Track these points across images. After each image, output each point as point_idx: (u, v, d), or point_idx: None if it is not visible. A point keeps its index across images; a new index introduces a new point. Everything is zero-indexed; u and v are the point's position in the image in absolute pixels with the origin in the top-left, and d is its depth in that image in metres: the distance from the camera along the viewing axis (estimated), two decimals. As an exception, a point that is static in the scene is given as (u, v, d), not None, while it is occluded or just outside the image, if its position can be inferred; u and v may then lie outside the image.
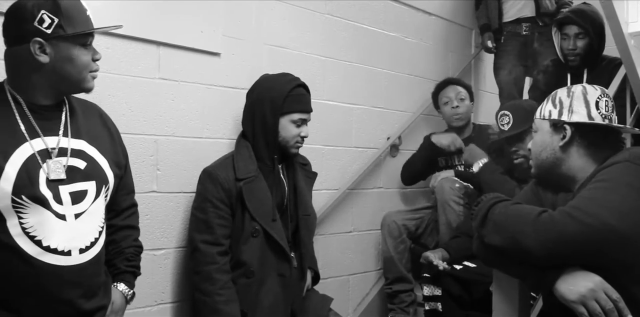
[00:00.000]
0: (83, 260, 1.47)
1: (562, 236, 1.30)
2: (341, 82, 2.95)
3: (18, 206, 1.37)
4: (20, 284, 1.39)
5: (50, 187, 1.42)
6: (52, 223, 1.42)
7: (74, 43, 1.43)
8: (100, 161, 1.55)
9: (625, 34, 2.38)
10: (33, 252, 1.39)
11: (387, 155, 3.26)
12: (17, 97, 1.45)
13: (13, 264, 1.38)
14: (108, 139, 1.64)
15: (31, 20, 1.38)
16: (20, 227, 1.38)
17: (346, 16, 2.98)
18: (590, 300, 1.29)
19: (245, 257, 2.08)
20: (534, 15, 3.48)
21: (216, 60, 2.37)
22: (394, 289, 2.94)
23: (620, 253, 1.32)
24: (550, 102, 1.61)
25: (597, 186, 1.39)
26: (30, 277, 1.39)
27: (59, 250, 1.42)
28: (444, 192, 2.79)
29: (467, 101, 3.08)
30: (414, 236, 3.02)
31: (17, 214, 1.38)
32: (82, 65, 1.46)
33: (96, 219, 1.53)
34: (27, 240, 1.39)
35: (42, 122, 1.46)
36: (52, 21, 1.39)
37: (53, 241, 1.42)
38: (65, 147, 1.48)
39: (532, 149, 1.63)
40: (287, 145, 2.20)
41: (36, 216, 1.40)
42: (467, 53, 3.89)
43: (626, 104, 2.69)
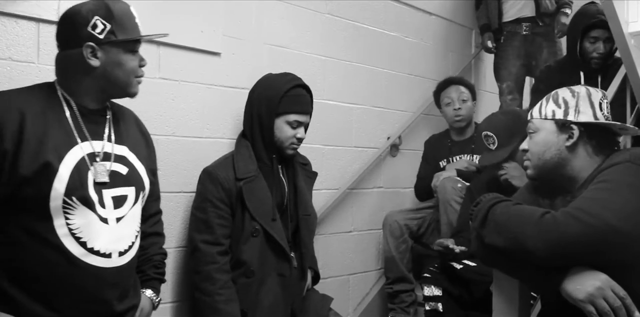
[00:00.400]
0: (121, 263, 1.52)
1: (565, 237, 1.31)
2: (341, 82, 2.95)
3: (67, 207, 1.42)
4: (63, 283, 1.43)
5: (96, 190, 1.48)
6: (96, 226, 1.47)
7: (123, 49, 1.50)
8: (139, 167, 1.62)
9: (626, 33, 2.38)
10: (78, 253, 1.44)
11: (387, 155, 3.26)
12: (68, 99, 1.51)
13: (58, 263, 1.42)
14: (144, 146, 1.71)
15: (85, 25, 1.44)
16: (67, 228, 1.42)
17: (346, 16, 2.98)
18: (598, 298, 1.29)
19: (245, 257, 2.08)
20: (534, 15, 3.48)
21: (216, 60, 2.37)
22: (395, 289, 2.94)
23: (623, 253, 1.32)
24: (552, 102, 1.60)
25: (599, 186, 1.39)
26: (74, 277, 1.44)
27: (101, 252, 1.47)
28: (446, 192, 2.79)
29: (470, 102, 3.07)
30: (416, 236, 3.02)
31: (64, 215, 1.42)
32: (130, 70, 1.52)
33: (134, 224, 1.58)
34: (72, 241, 1.43)
35: (90, 126, 1.52)
36: (104, 27, 1.45)
37: (97, 243, 1.46)
38: (109, 152, 1.54)
39: (532, 150, 1.61)
40: (282, 147, 2.20)
41: (82, 218, 1.44)
42: (467, 53, 3.89)
43: (626, 104, 2.69)
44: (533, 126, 1.62)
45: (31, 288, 1.42)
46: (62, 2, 1.88)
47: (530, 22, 3.50)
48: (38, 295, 1.42)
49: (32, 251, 1.41)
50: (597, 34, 2.80)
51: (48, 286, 1.43)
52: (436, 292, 2.39)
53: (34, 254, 1.41)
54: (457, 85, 3.10)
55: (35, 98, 1.47)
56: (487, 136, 2.33)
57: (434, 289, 2.40)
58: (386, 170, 3.25)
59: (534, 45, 3.50)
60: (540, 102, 1.64)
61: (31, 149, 1.39)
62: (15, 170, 1.38)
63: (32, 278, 1.42)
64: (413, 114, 3.36)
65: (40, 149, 1.40)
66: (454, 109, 3.04)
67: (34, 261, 1.42)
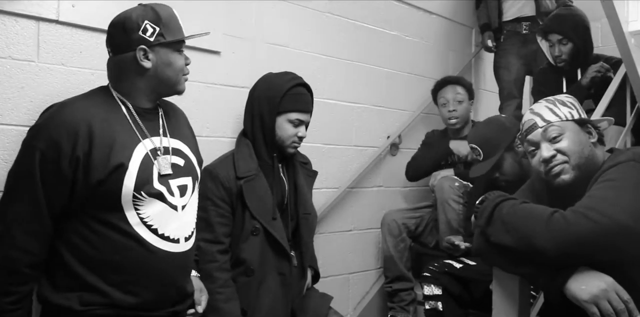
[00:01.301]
0: (187, 248, 1.67)
1: (576, 237, 1.31)
2: (341, 81, 2.95)
3: (136, 200, 1.53)
4: (139, 268, 1.55)
5: (162, 182, 1.60)
6: (166, 214, 1.60)
7: (171, 49, 1.61)
8: (193, 159, 1.75)
9: (626, 32, 2.38)
10: (151, 239, 1.56)
11: (387, 154, 3.26)
12: (124, 101, 1.61)
13: (134, 249, 1.54)
14: (192, 139, 1.83)
15: (137, 29, 1.55)
16: (139, 218, 1.54)
17: (347, 15, 2.98)
18: (602, 300, 1.30)
19: (246, 255, 2.08)
20: (534, 14, 3.48)
21: (216, 59, 2.37)
22: (394, 288, 2.94)
23: (632, 251, 1.34)
24: (562, 106, 1.62)
25: (606, 185, 1.40)
26: (149, 262, 1.56)
27: (171, 238, 1.61)
28: (444, 191, 2.79)
29: (465, 103, 3.07)
30: (414, 235, 3.02)
31: (134, 206, 1.53)
32: (178, 69, 1.64)
33: (194, 211, 1.74)
34: (145, 229, 1.55)
35: (147, 123, 1.63)
36: (154, 30, 1.57)
37: (167, 230, 1.60)
38: (167, 146, 1.66)
39: (571, 150, 1.55)
40: (283, 145, 2.20)
41: (152, 208, 1.57)
42: (468, 52, 3.89)
43: (626, 103, 2.69)
44: (557, 129, 1.58)
45: (111, 276, 1.52)
46: (62, 1, 1.89)
47: (530, 22, 3.50)
48: (118, 282, 1.53)
49: (109, 240, 1.52)
50: (550, 37, 2.86)
51: (126, 273, 1.53)
52: (436, 291, 2.39)
53: (110, 243, 1.52)
54: (454, 85, 3.10)
55: (96, 104, 1.57)
56: (473, 149, 2.41)
57: (433, 288, 2.41)
58: (386, 169, 3.25)
59: (534, 45, 3.49)
60: (546, 109, 1.63)
61: (102, 153, 1.49)
62: (88, 175, 1.48)
63: (111, 266, 1.52)
64: (413, 113, 3.36)
65: (111, 152, 1.51)
66: (448, 111, 3.05)
67: (111, 249, 1.52)
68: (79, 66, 1.94)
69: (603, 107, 2.50)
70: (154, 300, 1.59)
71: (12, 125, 1.78)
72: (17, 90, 1.79)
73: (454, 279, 2.40)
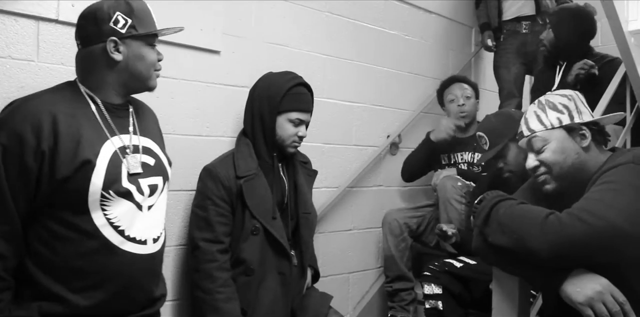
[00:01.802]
0: (155, 249, 1.60)
1: (570, 239, 1.31)
2: (341, 80, 2.95)
3: (104, 200, 1.48)
4: (104, 272, 1.48)
5: (131, 181, 1.54)
6: (133, 214, 1.54)
7: (144, 42, 1.56)
8: (163, 158, 1.69)
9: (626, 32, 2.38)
10: (117, 241, 1.50)
11: (387, 154, 3.26)
12: (92, 96, 1.55)
13: (98, 252, 1.47)
14: (161, 138, 1.77)
15: (107, 21, 1.50)
16: (105, 218, 1.48)
17: (346, 14, 2.98)
18: (597, 302, 1.30)
19: (245, 255, 2.08)
20: (534, 13, 3.48)
21: (216, 58, 2.37)
22: (394, 288, 2.94)
23: (627, 254, 1.33)
24: (551, 110, 1.60)
25: (604, 187, 1.39)
26: (114, 265, 1.49)
27: (137, 239, 1.54)
28: (446, 191, 2.79)
29: (473, 99, 3.09)
30: (415, 234, 3.02)
31: (101, 207, 1.47)
32: (150, 63, 1.58)
33: (163, 211, 1.67)
34: (111, 230, 1.49)
35: (116, 120, 1.57)
36: (126, 22, 1.52)
37: (133, 231, 1.53)
38: (137, 144, 1.60)
39: (550, 161, 1.57)
40: (283, 145, 2.20)
41: (119, 208, 1.50)
42: (467, 51, 3.89)
43: (626, 102, 2.69)
44: (540, 140, 1.59)
45: (74, 283, 1.46)
46: (62, 0, 1.89)
47: (530, 21, 3.50)
48: (81, 288, 1.46)
49: (72, 244, 1.45)
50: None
51: (90, 278, 1.47)
52: (436, 291, 2.40)
53: (74, 247, 1.46)
54: (460, 83, 3.12)
55: (62, 98, 1.51)
56: (480, 137, 2.41)
57: (434, 287, 2.41)
58: (386, 168, 3.25)
59: (534, 44, 3.49)
60: (533, 115, 1.62)
61: (68, 148, 1.43)
62: (53, 170, 1.42)
63: (75, 272, 1.46)
64: (413, 112, 3.36)
65: (77, 147, 1.45)
66: (458, 105, 3.06)
67: (74, 254, 1.46)
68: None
69: (603, 106, 2.50)
70: (121, 305, 1.53)
71: (12, 125, 1.78)
72: (17, 90, 1.79)
73: (454, 278, 2.40)
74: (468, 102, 3.06)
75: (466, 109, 3.05)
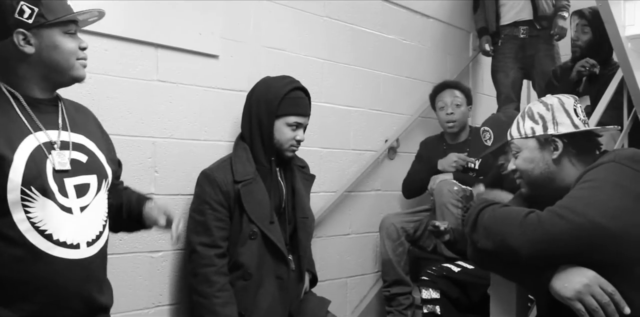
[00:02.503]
0: (91, 253, 1.45)
1: (549, 235, 1.31)
2: (339, 85, 2.95)
3: (26, 198, 1.35)
4: (33, 280, 1.36)
5: (56, 179, 1.41)
6: (59, 216, 1.40)
7: (58, 30, 1.43)
8: (99, 155, 1.55)
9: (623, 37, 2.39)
10: (44, 246, 1.37)
11: (384, 158, 3.26)
12: (13, 91, 1.43)
13: (25, 260, 1.35)
14: (101, 136, 1.63)
15: (11, 12, 1.38)
16: (29, 222, 1.35)
17: (344, 18, 2.99)
18: (586, 295, 1.29)
19: (243, 259, 2.07)
20: (531, 18, 3.49)
21: (214, 63, 2.37)
22: (392, 292, 2.94)
23: (608, 251, 1.32)
24: (528, 120, 1.61)
25: (584, 186, 1.39)
26: (44, 272, 1.37)
27: (67, 243, 1.40)
28: (443, 195, 2.79)
29: (463, 107, 3.07)
30: (413, 239, 3.02)
31: (23, 208, 1.35)
32: (67, 52, 1.44)
33: (100, 212, 1.52)
34: (36, 235, 1.36)
35: (41, 116, 1.45)
36: (32, 11, 1.39)
37: (62, 234, 1.39)
38: (67, 140, 1.47)
39: (520, 169, 1.61)
40: (281, 149, 2.20)
41: (43, 209, 1.37)
42: (465, 56, 3.90)
43: (623, 108, 2.69)
44: (515, 146, 1.64)
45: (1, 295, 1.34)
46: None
47: (527, 26, 3.51)
48: (10, 301, 1.34)
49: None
50: (578, 21, 2.90)
51: (19, 289, 1.35)
52: (434, 295, 2.39)
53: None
54: (452, 89, 3.11)
55: None
56: (484, 131, 2.42)
57: (431, 292, 2.40)
58: (384, 173, 3.25)
59: (532, 49, 3.51)
60: (516, 122, 1.65)
61: None
62: None
63: (1, 284, 1.34)
64: (411, 116, 3.37)
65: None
66: (446, 114, 3.05)
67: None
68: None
69: (600, 110, 2.51)
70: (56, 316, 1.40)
71: None
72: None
73: (452, 283, 2.40)
74: (457, 110, 3.05)
75: (454, 117, 3.04)
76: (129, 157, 2.06)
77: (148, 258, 2.13)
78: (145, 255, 2.12)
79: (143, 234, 2.06)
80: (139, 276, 2.12)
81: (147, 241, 2.12)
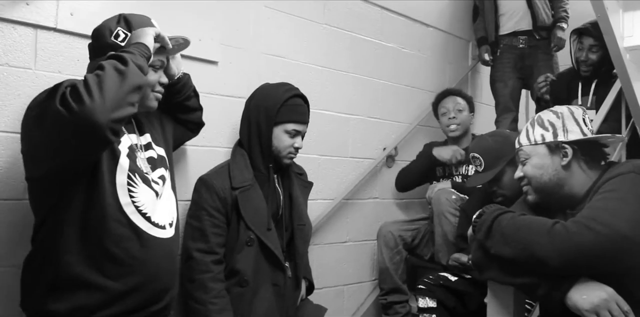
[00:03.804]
0: (172, 233, 1.70)
1: (579, 247, 1.33)
2: (338, 92, 2.96)
3: (131, 183, 1.57)
4: (138, 257, 1.56)
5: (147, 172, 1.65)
6: (154, 200, 1.64)
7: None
8: (160, 151, 1.79)
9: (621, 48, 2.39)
10: (145, 227, 1.59)
11: (383, 166, 3.26)
12: None
13: (132, 239, 1.55)
14: (159, 129, 1.87)
15: (109, 35, 1.60)
16: (134, 206, 1.57)
17: (344, 26, 3.00)
18: (603, 310, 1.33)
19: (240, 266, 2.07)
20: (530, 28, 3.50)
21: (214, 69, 2.38)
22: (389, 300, 2.93)
23: (632, 261, 1.36)
24: (538, 127, 1.64)
25: (608, 196, 1.43)
26: (145, 249, 1.58)
27: (159, 224, 1.64)
28: (440, 204, 2.79)
29: (466, 112, 3.09)
30: (410, 247, 3.01)
31: (129, 193, 1.56)
32: (146, 84, 1.62)
33: (172, 198, 1.78)
34: (139, 217, 1.58)
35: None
36: (125, 36, 1.60)
37: (155, 217, 1.63)
38: (141, 143, 1.72)
39: (529, 175, 1.65)
40: (279, 156, 2.20)
41: (144, 194, 1.60)
42: (464, 65, 3.91)
43: (621, 119, 2.70)
44: (524, 153, 1.67)
45: (110, 269, 1.52)
46: (60, 9, 1.89)
47: (527, 36, 3.52)
48: (120, 275, 1.53)
49: (106, 231, 1.52)
50: (582, 40, 2.87)
51: (127, 264, 1.54)
52: (431, 304, 2.39)
53: (108, 234, 1.52)
54: (454, 96, 3.14)
55: None
56: (474, 158, 2.38)
57: (428, 301, 2.40)
58: (382, 181, 3.25)
59: (531, 59, 3.52)
60: (525, 129, 1.69)
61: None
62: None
63: (110, 259, 1.52)
64: (409, 125, 3.37)
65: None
66: (448, 118, 3.07)
67: (109, 241, 1.52)
68: (75, 74, 1.93)
69: (598, 122, 2.51)
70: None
71: (8, 133, 1.77)
72: (14, 98, 1.79)
73: (449, 292, 2.39)
74: (459, 115, 3.07)
75: (456, 121, 3.06)
76: (127, 162, 2.05)
77: (144, 264, 2.12)
78: (142, 261, 2.11)
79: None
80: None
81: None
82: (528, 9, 3.49)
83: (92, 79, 1.36)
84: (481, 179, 2.35)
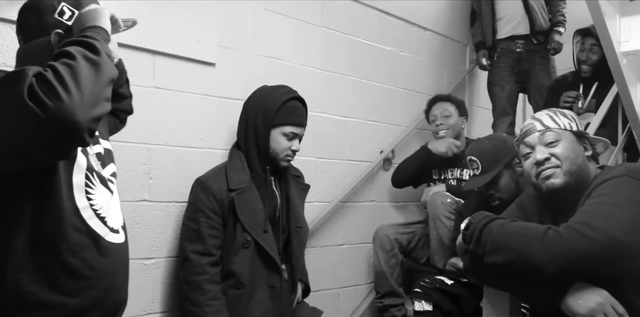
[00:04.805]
0: (124, 238, 1.47)
1: (573, 253, 1.33)
2: (335, 95, 2.96)
3: (89, 184, 1.35)
4: (97, 267, 1.35)
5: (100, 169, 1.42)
6: (109, 202, 1.42)
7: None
8: (107, 145, 1.54)
9: (618, 53, 2.41)
10: (103, 232, 1.37)
11: (379, 169, 3.26)
12: None
13: (90, 247, 1.34)
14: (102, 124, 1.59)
15: (52, 12, 1.35)
16: (91, 209, 1.35)
17: (342, 29, 3.00)
18: (599, 314, 1.33)
19: (236, 268, 2.06)
20: (528, 32, 3.51)
21: (211, 70, 2.38)
22: (385, 303, 2.93)
23: (626, 265, 1.36)
24: (562, 116, 1.63)
25: (600, 200, 1.41)
26: (103, 258, 1.36)
27: (114, 228, 1.42)
28: (436, 207, 2.79)
29: (454, 117, 3.07)
30: (406, 250, 3.01)
31: (86, 195, 1.34)
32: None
33: (118, 197, 1.52)
34: (98, 222, 1.36)
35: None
36: (72, 13, 1.36)
37: (110, 220, 1.41)
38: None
39: (564, 155, 1.56)
40: (276, 158, 2.20)
41: (101, 196, 1.38)
42: (462, 68, 3.92)
43: (618, 123, 2.71)
44: (554, 135, 1.59)
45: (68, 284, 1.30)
46: (59, 10, 1.89)
47: (524, 40, 3.53)
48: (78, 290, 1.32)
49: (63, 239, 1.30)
50: (584, 41, 2.89)
51: (86, 277, 1.33)
52: (427, 307, 2.39)
53: (65, 243, 1.30)
54: (442, 102, 3.12)
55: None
56: (471, 161, 2.36)
57: (424, 304, 2.40)
58: (378, 184, 3.24)
59: (528, 63, 3.53)
60: (548, 116, 1.64)
61: None
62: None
63: (67, 272, 1.30)
64: (406, 128, 3.37)
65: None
66: (436, 125, 3.08)
67: (66, 251, 1.30)
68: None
69: (595, 126, 2.52)
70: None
71: None
72: None
73: (444, 295, 2.39)
74: (446, 121, 3.06)
75: (443, 127, 3.06)
76: (124, 163, 2.05)
77: (140, 265, 2.11)
78: (138, 262, 2.10)
79: (135, 240, 2.05)
80: (131, 282, 2.07)
81: (140, 247, 2.11)
82: (525, 14, 3.49)
83: (64, 70, 1.13)
84: (478, 182, 2.35)
